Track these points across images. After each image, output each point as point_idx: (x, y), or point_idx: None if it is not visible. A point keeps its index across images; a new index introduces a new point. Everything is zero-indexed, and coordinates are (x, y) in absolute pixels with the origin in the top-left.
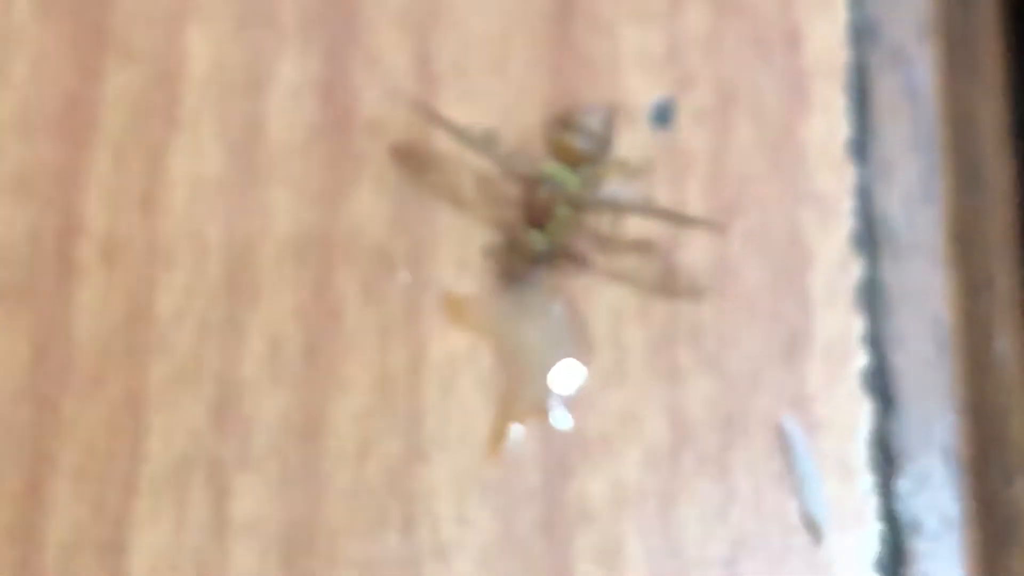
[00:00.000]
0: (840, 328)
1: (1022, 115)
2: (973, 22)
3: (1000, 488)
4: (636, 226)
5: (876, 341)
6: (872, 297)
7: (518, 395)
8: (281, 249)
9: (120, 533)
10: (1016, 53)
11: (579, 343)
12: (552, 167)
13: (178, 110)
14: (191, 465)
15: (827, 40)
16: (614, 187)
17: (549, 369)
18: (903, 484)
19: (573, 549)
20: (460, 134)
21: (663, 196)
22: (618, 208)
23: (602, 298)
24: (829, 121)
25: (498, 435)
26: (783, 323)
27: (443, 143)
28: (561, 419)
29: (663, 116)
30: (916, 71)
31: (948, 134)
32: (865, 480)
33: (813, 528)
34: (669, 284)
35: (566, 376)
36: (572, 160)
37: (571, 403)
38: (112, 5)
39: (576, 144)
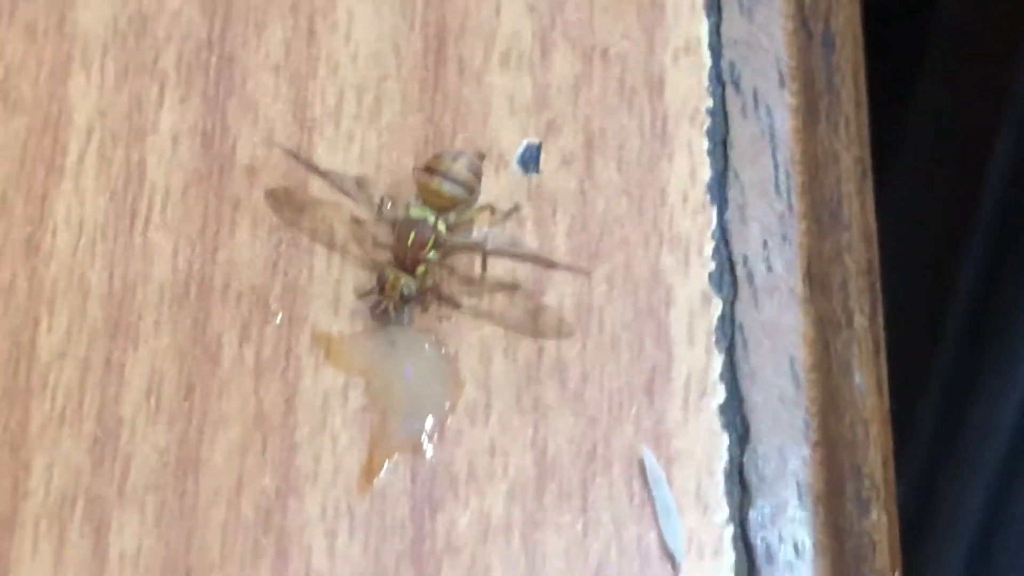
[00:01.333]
0: (699, 365)
1: (879, 156)
2: (831, 68)
3: (855, 519)
4: (503, 268)
5: (733, 378)
6: (730, 335)
7: (389, 431)
8: (160, 291)
9: (1, 569)
10: (872, 96)
11: (448, 381)
12: (420, 211)
13: (61, 158)
14: (71, 502)
15: (689, 86)
16: (483, 229)
17: (419, 406)
18: (758, 515)
19: None
20: (333, 180)
21: (531, 238)
22: (485, 252)
23: (470, 337)
24: (691, 164)
25: (370, 470)
26: (644, 361)
27: (317, 188)
28: (429, 454)
29: (530, 160)
30: (774, 115)
31: (805, 176)
32: (721, 511)
33: (671, 558)
34: (535, 323)
35: (435, 412)
36: (440, 204)
37: (439, 438)
38: None
39: (444, 189)
